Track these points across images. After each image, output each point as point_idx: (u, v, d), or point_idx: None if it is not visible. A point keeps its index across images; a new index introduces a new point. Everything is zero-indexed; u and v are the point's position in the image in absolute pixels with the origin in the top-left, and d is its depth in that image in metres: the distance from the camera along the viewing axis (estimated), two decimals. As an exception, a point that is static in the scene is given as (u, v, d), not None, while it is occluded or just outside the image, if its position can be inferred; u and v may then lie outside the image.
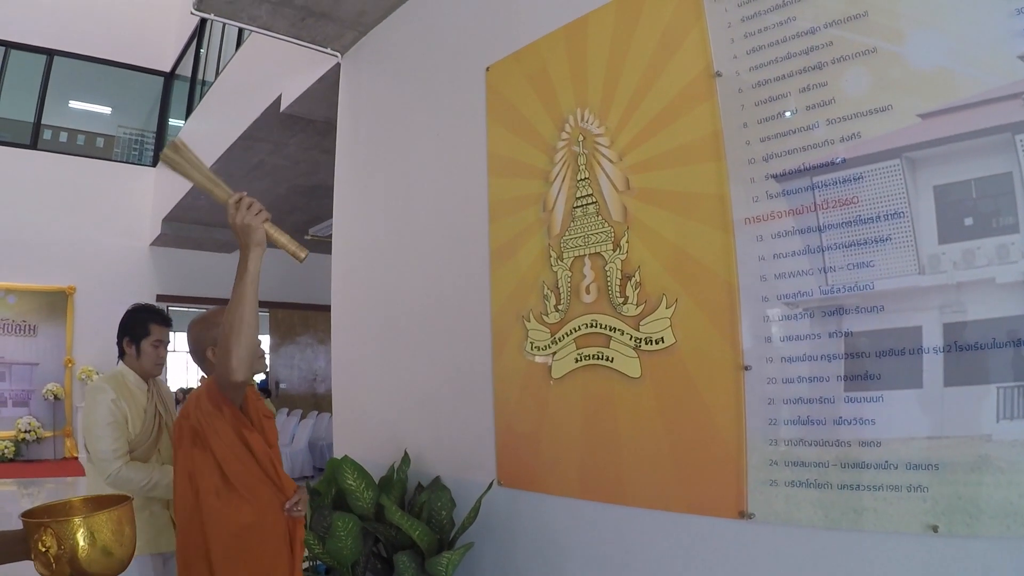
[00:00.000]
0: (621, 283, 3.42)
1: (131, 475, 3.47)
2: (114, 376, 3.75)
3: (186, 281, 16.00)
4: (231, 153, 10.11)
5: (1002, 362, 2.28)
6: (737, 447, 2.90)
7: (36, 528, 2.00)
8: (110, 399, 3.56)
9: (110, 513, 2.12)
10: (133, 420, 3.62)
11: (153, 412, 3.74)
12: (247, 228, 2.41)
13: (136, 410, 3.65)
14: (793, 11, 2.87)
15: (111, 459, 3.47)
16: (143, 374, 3.80)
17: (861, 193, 2.62)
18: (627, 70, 3.48)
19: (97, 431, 3.51)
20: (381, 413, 5.26)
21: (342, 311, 6.11)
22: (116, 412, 3.55)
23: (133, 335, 3.79)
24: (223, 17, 5.77)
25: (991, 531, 2.24)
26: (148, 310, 3.91)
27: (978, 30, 2.40)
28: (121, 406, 3.58)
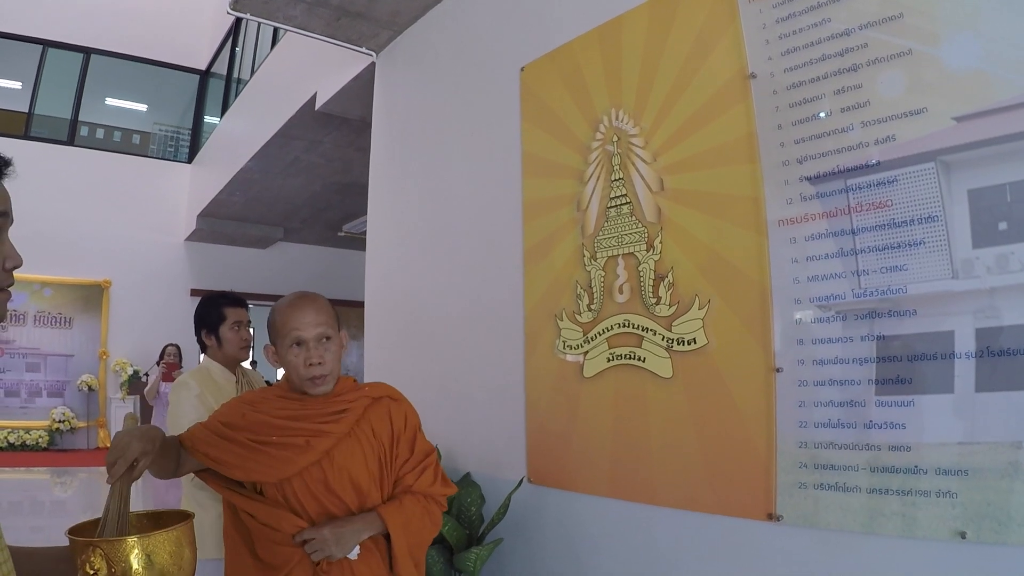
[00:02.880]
0: (654, 283, 3.42)
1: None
2: (199, 371, 3.65)
3: (220, 276, 16.10)
4: (266, 150, 10.21)
5: (1035, 369, 2.25)
6: (767, 449, 2.89)
7: (84, 548, 1.69)
8: (194, 395, 3.44)
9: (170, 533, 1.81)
10: None
11: None
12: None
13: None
14: (828, 12, 2.86)
15: None
16: (229, 362, 3.69)
17: (895, 196, 2.61)
18: (661, 71, 3.48)
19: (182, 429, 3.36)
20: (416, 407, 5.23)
21: (375, 307, 6.15)
22: (201, 409, 3.37)
23: (209, 325, 3.67)
24: (259, 16, 5.83)
25: (1020, 539, 2.22)
26: (217, 295, 3.78)
27: (1014, 32, 2.39)
28: (207, 401, 3.42)
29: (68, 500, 10.54)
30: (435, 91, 5.50)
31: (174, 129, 17.48)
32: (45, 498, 10.71)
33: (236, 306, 3.72)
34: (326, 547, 2.32)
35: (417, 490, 2.58)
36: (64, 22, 15.15)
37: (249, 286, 15.87)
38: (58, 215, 14.19)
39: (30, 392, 14.36)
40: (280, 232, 15.88)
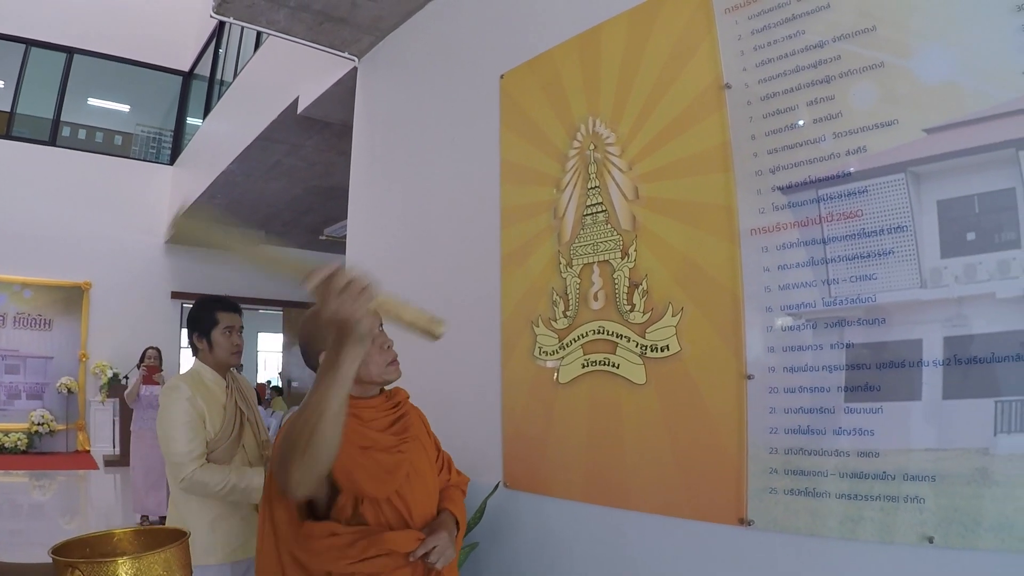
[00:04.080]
0: (628, 291, 3.45)
1: (206, 478, 3.29)
2: (190, 374, 3.61)
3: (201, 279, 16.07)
4: (249, 153, 10.21)
5: (1001, 376, 2.30)
6: (738, 455, 2.93)
7: (65, 569, 1.58)
8: (185, 397, 3.39)
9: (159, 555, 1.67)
10: (212, 418, 3.45)
11: (234, 408, 3.56)
12: (343, 324, 1.71)
13: (215, 407, 3.49)
14: (802, 24, 2.90)
15: (185, 462, 3.30)
16: (220, 367, 3.64)
17: (865, 206, 2.65)
18: (639, 80, 3.51)
19: (172, 432, 3.34)
20: None
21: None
22: (192, 411, 3.38)
23: (201, 328, 3.64)
24: (242, 21, 5.84)
25: (987, 544, 2.26)
26: (211, 299, 3.75)
27: (985, 45, 2.43)
28: (198, 404, 3.41)
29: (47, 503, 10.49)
30: (416, 97, 5.52)
31: (156, 130, 17.43)
32: (23, 501, 10.65)
33: (229, 311, 3.70)
34: (448, 552, 2.33)
35: (452, 484, 2.69)
36: (47, 21, 15.10)
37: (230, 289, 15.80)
38: (39, 216, 14.16)
39: (9, 394, 14.27)
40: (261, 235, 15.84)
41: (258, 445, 3.63)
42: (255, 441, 3.62)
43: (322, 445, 1.80)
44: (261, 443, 3.66)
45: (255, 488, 3.33)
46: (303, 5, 5.57)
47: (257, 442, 3.63)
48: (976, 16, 2.46)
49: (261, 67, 10.08)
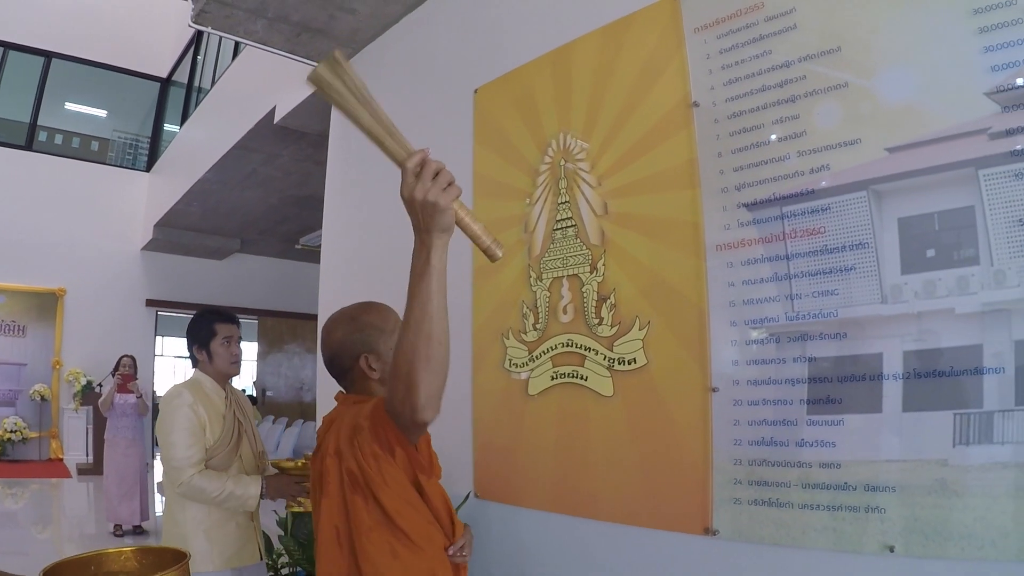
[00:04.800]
0: (597, 304, 3.50)
1: (204, 484, 3.31)
2: (191, 382, 3.63)
3: (176, 287, 16.04)
4: (225, 161, 10.20)
5: (959, 389, 2.36)
6: (703, 466, 2.97)
7: None
8: (187, 404, 3.45)
9: None
10: (212, 426, 3.49)
11: (232, 419, 3.60)
12: (430, 207, 1.64)
13: (215, 416, 3.53)
14: (770, 44, 2.96)
15: (184, 467, 3.33)
16: (220, 377, 3.68)
17: (828, 223, 2.71)
18: (609, 97, 3.56)
19: (172, 437, 3.37)
20: None
21: (328, 322, 6.11)
22: (193, 418, 3.43)
23: (200, 340, 3.68)
24: (220, 31, 5.85)
25: (946, 552, 2.31)
26: (209, 311, 3.80)
27: (946, 67, 2.49)
28: (199, 412, 3.46)
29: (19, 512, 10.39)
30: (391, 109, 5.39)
31: (133, 136, 17.33)
32: (-6, 508, 10.58)
33: (227, 322, 3.74)
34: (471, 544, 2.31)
35: None
36: (25, 25, 15.01)
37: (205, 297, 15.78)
38: (14, 221, 14.07)
39: (-19, 401, 14.11)
40: (237, 243, 15.81)
41: (254, 456, 3.66)
42: (251, 452, 3.65)
43: (442, 346, 1.74)
44: (257, 454, 3.70)
45: (251, 496, 3.37)
46: (281, 16, 5.60)
47: (253, 453, 3.66)
48: (938, 38, 2.52)
49: (239, 76, 10.07)
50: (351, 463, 1.99)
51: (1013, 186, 2.32)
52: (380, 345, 2.32)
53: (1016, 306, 2.29)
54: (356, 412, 2.08)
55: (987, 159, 2.37)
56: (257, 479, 3.44)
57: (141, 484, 9.17)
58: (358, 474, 1.98)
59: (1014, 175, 2.32)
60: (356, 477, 1.98)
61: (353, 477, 1.99)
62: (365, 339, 2.33)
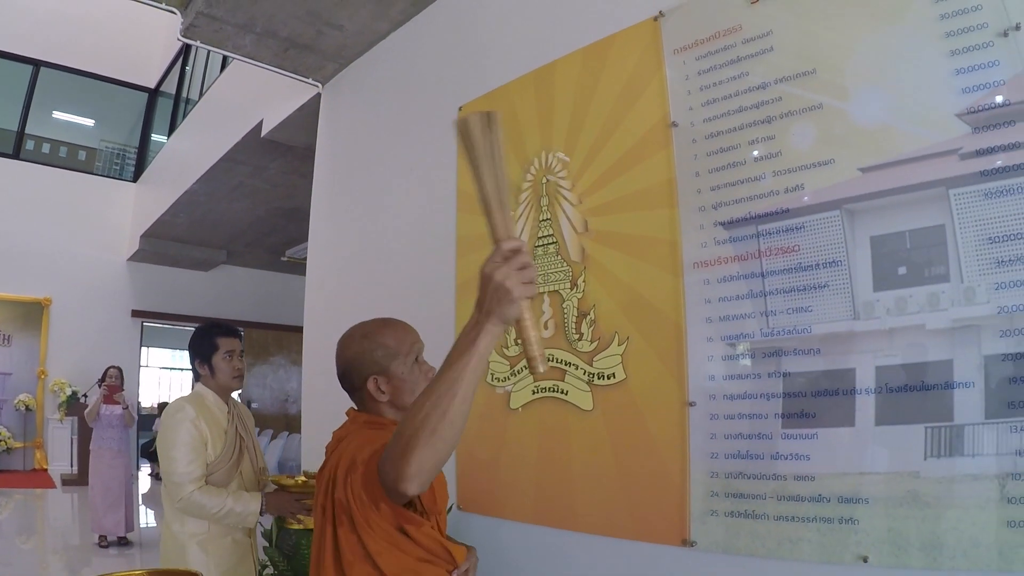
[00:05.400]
0: (577, 320, 3.56)
1: (204, 501, 3.26)
2: (194, 396, 3.58)
3: (162, 297, 15.96)
4: (212, 173, 10.21)
5: (930, 403, 2.42)
6: (681, 478, 3.03)
7: None
8: (190, 419, 3.39)
9: None
10: (213, 441, 3.44)
11: (234, 434, 3.55)
12: (503, 292, 1.54)
13: (216, 431, 3.47)
14: (747, 66, 3.03)
15: (184, 482, 3.27)
16: (223, 391, 3.63)
17: (802, 242, 2.78)
18: (590, 117, 3.63)
19: (173, 452, 3.32)
20: None
21: (314, 333, 6.17)
22: (195, 433, 3.38)
23: (202, 354, 3.62)
24: (209, 45, 5.90)
25: (918, 563, 2.37)
26: (211, 325, 3.72)
27: (919, 89, 2.57)
28: (201, 427, 3.40)
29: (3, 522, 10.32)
30: (377, 124, 5.61)
31: (120, 147, 17.25)
32: (-20, 519, 10.53)
33: (229, 336, 3.68)
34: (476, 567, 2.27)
35: None
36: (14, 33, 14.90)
37: (191, 308, 15.75)
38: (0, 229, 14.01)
39: (-34, 411, 14.01)
40: (223, 255, 15.76)
41: (255, 472, 3.62)
42: (252, 468, 3.61)
43: (454, 428, 1.63)
44: (258, 470, 3.66)
45: (251, 513, 3.34)
46: (269, 31, 5.65)
47: (254, 469, 3.63)
48: (910, 61, 2.60)
49: (226, 88, 10.09)
50: (341, 495, 1.94)
51: (983, 205, 2.39)
52: (392, 367, 2.24)
53: (985, 322, 2.35)
54: (361, 443, 2.01)
55: (958, 179, 2.44)
56: (257, 496, 3.41)
57: (126, 495, 9.11)
58: (345, 507, 1.93)
59: (984, 194, 2.39)
60: (344, 508, 1.94)
61: (341, 507, 1.95)
62: (377, 360, 2.24)
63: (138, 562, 8.29)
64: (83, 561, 8.20)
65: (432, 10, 5.14)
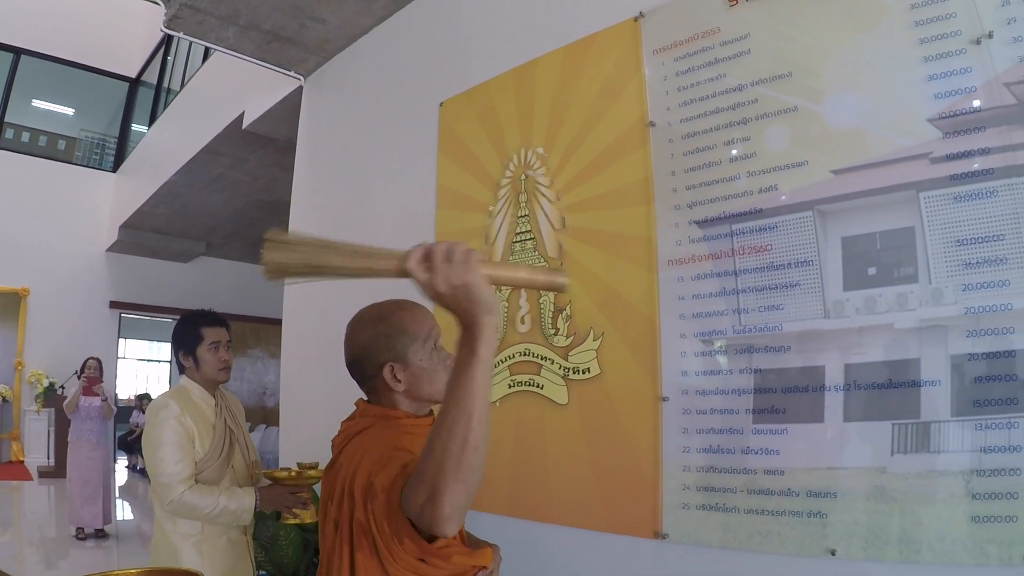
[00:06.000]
0: (553, 315, 3.60)
1: (196, 501, 3.06)
2: (178, 391, 3.37)
3: (140, 289, 15.83)
4: (192, 164, 10.17)
5: (897, 401, 2.49)
6: (654, 472, 3.08)
7: None
8: (174, 416, 3.17)
9: None
10: (201, 437, 3.24)
11: (223, 428, 3.35)
12: (463, 291, 1.39)
13: (204, 426, 3.28)
14: (725, 68, 3.08)
15: (174, 483, 3.06)
16: (208, 384, 3.41)
17: (775, 241, 2.83)
18: (570, 115, 3.67)
19: (160, 452, 3.11)
20: (327, 429, 5.20)
21: (292, 326, 6.19)
22: (181, 430, 3.16)
23: (187, 346, 3.40)
24: (192, 36, 5.89)
25: (885, 556, 2.43)
26: (196, 315, 3.49)
27: (893, 94, 2.63)
28: (187, 423, 3.19)
29: (-19, 514, 10.32)
30: (358, 118, 5.63)
31: (101, 136, 17.09)
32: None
33: (214, 325, 3.47)
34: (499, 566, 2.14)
35: None
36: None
37: (169, 300, 15.64)
38: (-23, 219, 13.90)
39: (-59, 402, 13.89)
40: (202, 247, 15.64)
41: (247, 466, 3.44)
42: (244, 462, 3.43)
43: (479, 453, 1.47)
44: (250, 464, 3.47)
45: (246, 509, 3.17)
46: (252, 24, 5.67)
47: (246, 463, 3.44)
48: (885, 66, 2.66)
49: (208, 80, 10.05)
50: (362, 516, 1.72)
51: (952, 208, 2.45)
52: (410, 354, 2.00)
53: (952, 322, 2.41)
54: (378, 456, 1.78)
55: (928, 182, 2.50)
56: (251, 491, 3.23)
57: (104, 487, 9.07)
58: (367, 531, 1.71)
59: (953, 198, 2.45)
60: (365, 531, 1.71)
61: (361, 529, 1.72)
62: (393, 345, 2.00)
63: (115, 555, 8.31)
64: (60, 554, 8.18)
65: (415, 6, 5.17)
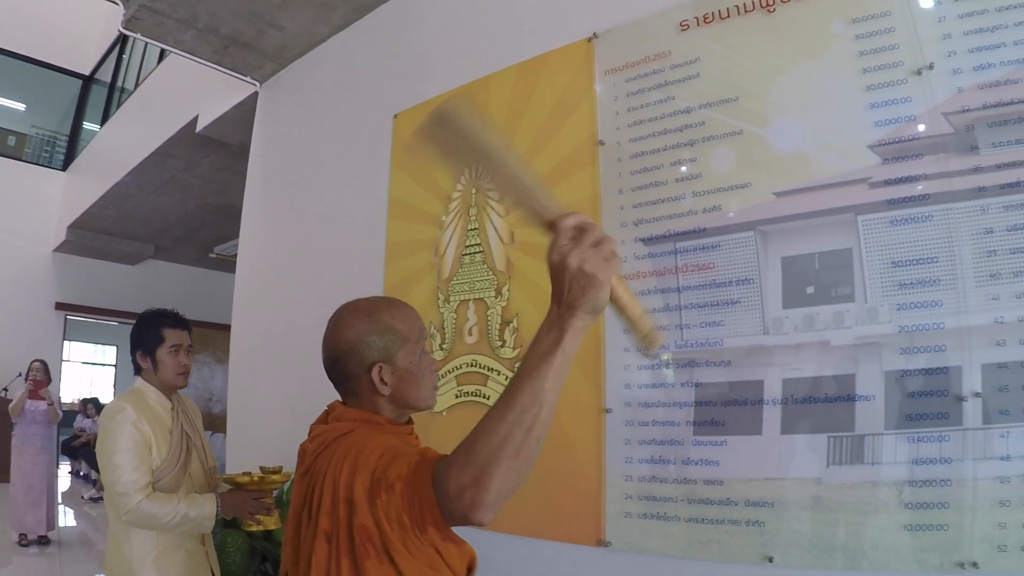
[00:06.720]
0: (500, 328, 3.67)
1: (154, 510, 2.89)
2: (133, 394, 3.19)
3: (88, 291, 15.52)
4: (144, 166, 10.03)
5: (833, 414, 2.60)
6: (597, 482, 3.15)
7: None
8: (130, 421, 3.01)
9: None
10: (158, 443, 3.07)
11: (180, 433, 3.19)
12: (585, 279, 1.28)
13: (161, 431, 3.11)
14: (674, 91, 3.19)
15: (131, 492, 2.89)
16: (165, 388, 3.26)
17: (717, 259, 2.93)
18: (522, 131, 3.74)
19: (115, 459, 2.94)
20: (275, 435, 5.29)
21: (242, 332, 6.14)
22: (137, 436, 3.00)
23: (145, 346, 3.24)
24: (150, 37, 5.87)
25: (821, 563, 2.54)
26: (158, 314, 3.34)
27: (835, 120, 2.75)
28: (143, 429, 3.03)
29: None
30: (313, 126, 5.64)
31: (52, 134, 16.71)
32: None
33: (177, 327, 3.33)
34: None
35: None
36: (-56, 13, 14.54)
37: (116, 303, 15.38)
38: (-79, 215, 13.62)
39: None
40: (151, 249, 15.37)
41: (205, 472, 3.30)
42: (202, 468, 3.29)
43: (539, 446, 1.39)
44: (208, 470, 3.33)
45: (207, 516, 3.01)
46: (211, 28, 5.66)
47: (204, 469, 3.30)
48: (829, 94, 2.78)
49: (163, 81, 9.95)
50: (367, 520, 1.56)
51: (888, 231, 2.58)
52: (399, 355, 1.87)
53: (886, 340, 2.53)
54: (373, 453, 1.65)
55: (866, 206, 2.62)
56: (211, 498, 3.07)
57: (48, 493, 8.93)
58: (375, 534, 1.56)
59: (890, 222, 2.58)
60: (371, 536, 1.56)
61: (367, 535, 1.57)
62: (383, 345, 1.87)
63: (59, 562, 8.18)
64: (2, 560, 8.05)
65: (372, 17, 5.21)
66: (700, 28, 3.15)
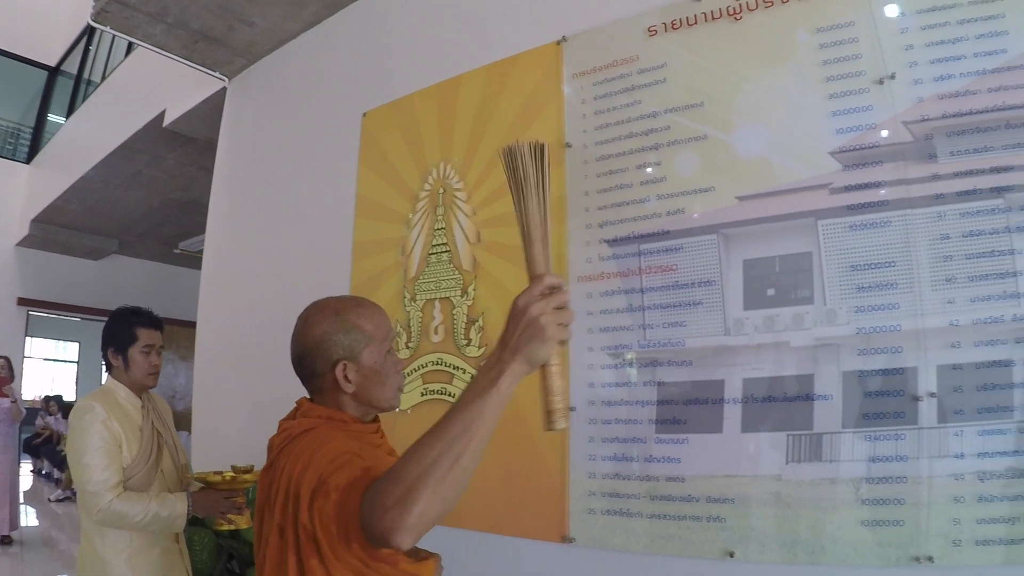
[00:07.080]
0: (466, 326, 3.70)
1: (125, 509, 2.88)
2: (103, 393, 3.17)
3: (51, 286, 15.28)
4: (110, 160, 9.91)
5: (792, 413, 2.67)
6: (561, 479, 3.19)
7: None
8: (100, 420, 2.99)
9: None
10: (129, 442, 3.05)
11: (151, 431, 3.17)
12: (536, 330, 1.39)
13: (131, 429, 3.09)
14: (640, 95, 3.24)
15: (101, 491, 2.88)
16: (135, 387, 3.22)
17: (680, 262, 2.99)
18: (489, 132, 3.78)
19: (85, 459, 2.92)
20: (240, 432, 5.30)
21: (207, 328, 6.11)
22: (107, 435, 2.98)
23: (118, 344, 3.21)
24: (119, 31, 5.81)
25: (780, 558, 2.61)
26: (132, 312, 3.29)
27: (798, 127, 2.81)
28: (113, 428, 3.01)
29: None
30: (281, 123, 5.64)
31: (15, 125, 16.42)
32: None
33: (150, 327, 3.28)
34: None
35: None
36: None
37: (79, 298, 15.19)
38: None
39: None
40: (115, 244, 15.14)
41: (176, 470, 3.28)
42: (173, 466, 3.26)
43: (466, 477, 1.41)
44: (180, 467, 3.31)
45: (179, 515, 3.01)
46: (181, 23, 5.63)
47: (176, 467, 3.28)
48: (792, 101, 2.85)
49: (130, 74, 9.83)
50: (306, 519, 1.59)
51: (847, 236, 2.65)
52: (365, 354, 1.92)
53: (844, 341, 2.60)
54: (328, 455, 1.66)
55: (826, 211, 2.69)
56: (183, 496, 3.06)
57: (11, 492, 8.79)
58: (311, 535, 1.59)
59: (849, 227, 2.65)
60: (310, 535, 1.59)
61: (307, 533, 1.60)
62: (348, 343, 1.91)
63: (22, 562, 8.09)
64: (-36, 560, 7.90)
65: (343, 15, 5.21)
66: (668, 34, 3.20)
